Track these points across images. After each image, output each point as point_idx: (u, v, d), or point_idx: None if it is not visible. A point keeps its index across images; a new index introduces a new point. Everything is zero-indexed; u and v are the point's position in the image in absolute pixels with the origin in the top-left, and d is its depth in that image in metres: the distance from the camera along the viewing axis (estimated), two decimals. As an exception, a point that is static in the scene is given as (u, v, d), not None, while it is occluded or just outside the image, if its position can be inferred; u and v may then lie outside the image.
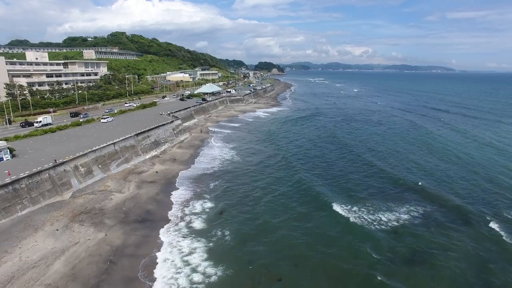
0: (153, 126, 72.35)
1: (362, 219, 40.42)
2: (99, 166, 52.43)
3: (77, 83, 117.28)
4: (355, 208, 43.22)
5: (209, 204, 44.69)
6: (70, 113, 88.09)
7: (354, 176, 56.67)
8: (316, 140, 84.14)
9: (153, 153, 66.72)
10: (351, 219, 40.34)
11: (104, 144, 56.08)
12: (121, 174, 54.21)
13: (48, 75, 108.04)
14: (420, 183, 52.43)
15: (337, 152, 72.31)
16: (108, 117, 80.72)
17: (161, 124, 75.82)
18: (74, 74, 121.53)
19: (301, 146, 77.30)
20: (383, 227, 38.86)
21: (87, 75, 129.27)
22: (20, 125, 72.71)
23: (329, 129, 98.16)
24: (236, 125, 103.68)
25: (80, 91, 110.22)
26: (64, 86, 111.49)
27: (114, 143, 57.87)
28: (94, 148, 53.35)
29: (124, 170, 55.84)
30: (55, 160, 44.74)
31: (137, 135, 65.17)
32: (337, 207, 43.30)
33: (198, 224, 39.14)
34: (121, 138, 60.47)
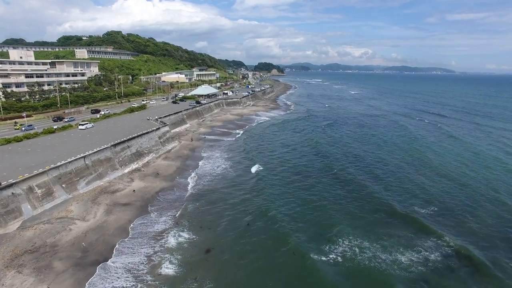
0: (135, 135, 63.97)
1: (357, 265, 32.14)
2: (63, 185, 44.04)
3: (61, 84, 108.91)
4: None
5: (190, 237, 36.40)
6: (53, 118, 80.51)
7: (353, 207, 48.34)
8: (311, 150, 75.86)
9: (134, 166, 58.36)
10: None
11: (72, 158, 47.71)
12: (91, 194, 45.88)
13: (28, 76, 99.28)
14: (416, 209, 43.74)
15: (327, 166, 63.82)
16: (87, 123, 72.28)
17: (145, 132, 67.41)
18: (58, 74, 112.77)
19: (297, 161, 69.04)
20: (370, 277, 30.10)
21: (73, 76, 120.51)
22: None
23: (327, 136, 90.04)
24: (232, 131, 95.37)
25: (63, 93, 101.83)
26: (46, 87, 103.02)
27: (84, 157, 49.47)
28: (58, 164, 44.95)
29: (95, 189, 47.48)
30: (-1, 183, 36.45)
31: (114, 145, 56.75)
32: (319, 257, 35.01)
33: (170, 268, 30.70)
34: (94, 150, 52.09)
